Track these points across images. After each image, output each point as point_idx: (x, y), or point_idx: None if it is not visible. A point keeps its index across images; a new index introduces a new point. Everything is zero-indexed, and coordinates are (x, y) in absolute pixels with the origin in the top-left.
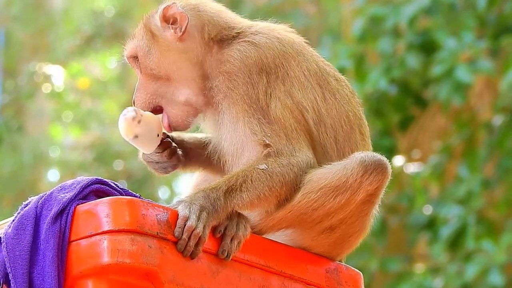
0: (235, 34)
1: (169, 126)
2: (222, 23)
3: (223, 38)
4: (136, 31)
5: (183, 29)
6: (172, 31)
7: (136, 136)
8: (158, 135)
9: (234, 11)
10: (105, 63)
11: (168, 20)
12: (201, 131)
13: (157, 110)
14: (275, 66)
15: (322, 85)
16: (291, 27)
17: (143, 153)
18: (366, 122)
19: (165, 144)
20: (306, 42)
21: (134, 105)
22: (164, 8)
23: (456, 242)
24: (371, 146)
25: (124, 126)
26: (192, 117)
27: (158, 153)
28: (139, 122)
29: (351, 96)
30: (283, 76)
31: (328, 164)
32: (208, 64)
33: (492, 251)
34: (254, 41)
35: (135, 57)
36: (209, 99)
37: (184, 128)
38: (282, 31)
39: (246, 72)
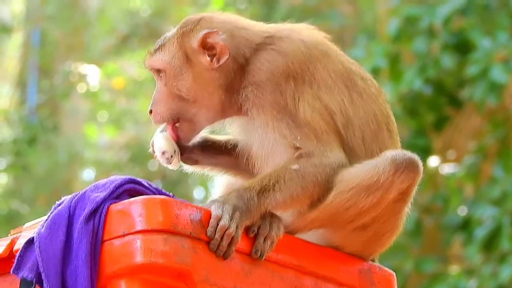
0: (261, 43)
1: (177, 137)
2: (251, 41)
3: (251, 51)
4: (168, 45)
5: (221, 62)
6: (208, 58)
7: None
8: (175, 151)
9: (270, 12)
10: (141, 63)
11: (206, 45)
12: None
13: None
14: (301, 71)
15: (348, 85)
16: (327, 27)
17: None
18: (394, 119)
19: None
20: (330, 41)
21: (151, 115)
22: (205, 33)
23: (490, 243)
24: (399, 143)
25: (165, 143)
26: (200, 131)
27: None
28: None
29: (378, 94)
30: (310, 79)
31: (360, 163)
32: (237, 79)
33: None
34: (281, 49)
35: (162, 72)
36: (236, 108)
37: (189, 141)
38: (307, 32)
39: (274, 81)
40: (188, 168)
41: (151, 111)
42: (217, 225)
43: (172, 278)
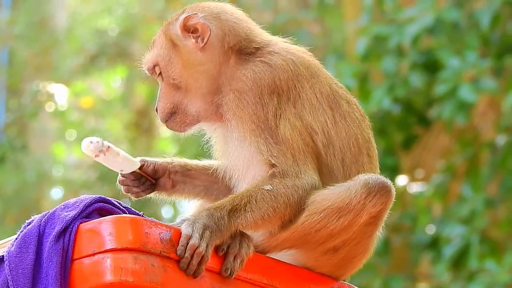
0: (253, 50)
1: (166, 126)
2: (242, 34)
3: (241, 50)
4: (156, 40)
5: (205, 40)
6: (193, 40)
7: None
8: (122, 170)
9: None
10: (109, 82)
11: (189, 29)
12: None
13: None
14: (287, 88)
15: (333, 107)
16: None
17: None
18: (375, 146)
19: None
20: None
21: (157, 113)
22: (184, 18)
23: (459, 261)
24: (378, 169)
25: (86, 151)
26: (191, 126)
27: (132, 180)
28: (98, 156)
29: (361, 119)
30: (294, 98)
31: (332, 185)
32: (223, 78)
33: (495, 270)
34: (270, 62)
35: (156, 66)
36: (219, 114)
37: (180, 132)
38: (300, 53)
39: (257, 92)
40: (164, 195)
41: (156, 109)
42: (187, 243)
43: None
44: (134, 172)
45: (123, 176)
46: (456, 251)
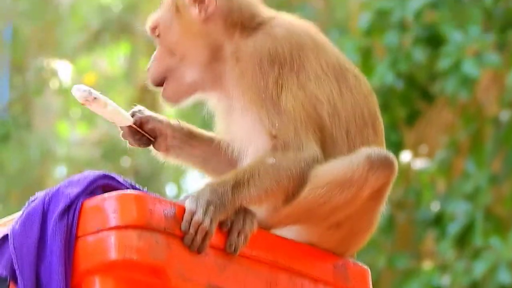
0: (256, 25)
1: (162, 96)
2: (247, 10)
3: (244, 26)
4: (164, 2)
5: (208, 12)
6: (197, 10)
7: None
8: (113, 123)
9: None
10: (113, 59)
11: None
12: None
13: (162, 83)
14: (290, 57)
15: (339, 79)
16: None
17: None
18: (381, 120)
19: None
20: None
21: (149, 73)
22: None
23: (463, 238)
24: (384, 144)
25: (74, 97)
26: (187, 97)
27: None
28: (85, 104)
29: (368, 94)
30: (298, 68)
31: (335, 159)
32: (225, 50)
33: (500, 248)
34: (272, 33)
35: (157, 28)
36: (219, 84)
37: (174, 103)
38: (305, 26)
39: (256, 60)
40: (160, 156)
41: (148, 70)
42: (191, 219)
43: (147, 274)
44: (130, 126)
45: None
46: (461, 228)
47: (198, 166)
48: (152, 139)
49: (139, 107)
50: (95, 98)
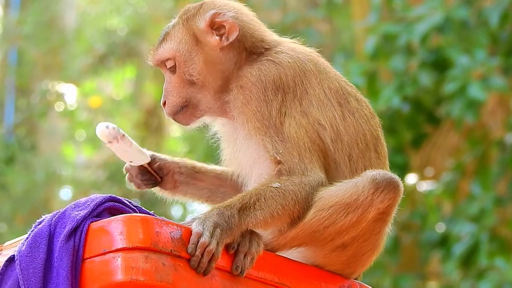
0: (263, 50)
1: (174, 118)
2: (256, 35)
3: (253, 51)
4: (172, 33)
5: (230, 39)
6: (217, 38)
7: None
8: (131, 162)
9: None
10: (118, 82)
11: (213, 26)
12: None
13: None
14: (294, 84)
15: (342, 103)
16: (304, 45)
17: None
18: (384, 143)
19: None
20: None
21: (164, 107)
22: (214, 13)
23: (469, 259)
24: (387, 166)
25: (100, 135)
26: (198, 120)
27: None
28: (111, 142)
29: (370, 116)
30: (301, 94)
31: (340, 181)
32: (232, 76)
33: (504, 268)
34: (276, 60)
35: (169, 60)
36: (225, 111)
37: (186, 125)
38: (307, 52)
39: (261, 88)
40: (166, 194)
41: (164, 103)
42: (198, 241)
43: None
44: (141, 165)
45: (130, 166)
46: (466, 249)
47: (205, 199)
48: (159, 179)
49: None
50: (123, 135)
